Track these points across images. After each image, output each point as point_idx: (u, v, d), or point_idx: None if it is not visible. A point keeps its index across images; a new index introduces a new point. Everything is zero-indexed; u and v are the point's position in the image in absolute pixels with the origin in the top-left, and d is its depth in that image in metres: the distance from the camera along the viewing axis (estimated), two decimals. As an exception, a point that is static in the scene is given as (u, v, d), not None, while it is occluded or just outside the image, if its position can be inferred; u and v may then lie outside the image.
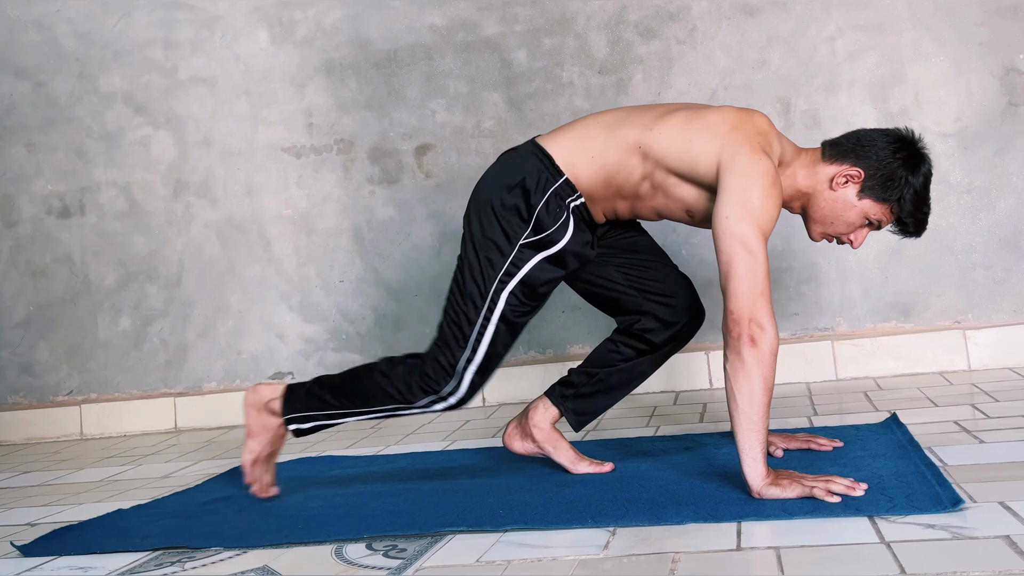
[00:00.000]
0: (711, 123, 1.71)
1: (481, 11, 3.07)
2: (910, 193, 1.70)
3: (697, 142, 1.70)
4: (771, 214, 1.62)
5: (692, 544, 1.36)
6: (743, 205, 1.61)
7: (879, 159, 1.70)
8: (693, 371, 2.92)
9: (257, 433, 1.91)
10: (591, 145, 1.78)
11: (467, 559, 1.41)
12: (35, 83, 3.42)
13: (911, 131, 1.75)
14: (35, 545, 1.74)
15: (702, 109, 1.77)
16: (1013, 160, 2.75)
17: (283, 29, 3.23)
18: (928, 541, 1.26)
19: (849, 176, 1.72)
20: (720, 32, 2.91)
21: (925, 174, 1.72)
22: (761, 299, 1.56)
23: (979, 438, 1.84)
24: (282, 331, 3.25)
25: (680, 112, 1.77)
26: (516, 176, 1.79)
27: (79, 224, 3.39)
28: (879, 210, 1.73)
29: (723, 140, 1.68)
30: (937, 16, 2.78)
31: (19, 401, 3.45)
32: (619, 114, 1.83)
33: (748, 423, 1.54)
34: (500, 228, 1.77)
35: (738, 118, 1.72)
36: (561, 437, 1.92)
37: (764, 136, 1.70)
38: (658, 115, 1.77)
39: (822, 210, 1.76)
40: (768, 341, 1.54)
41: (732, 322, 1.56)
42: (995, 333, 2.73)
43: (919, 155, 1.72)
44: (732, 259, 1.58)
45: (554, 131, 1.86)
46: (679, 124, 1.74)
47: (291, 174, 3.24)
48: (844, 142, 1.75)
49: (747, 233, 1.58)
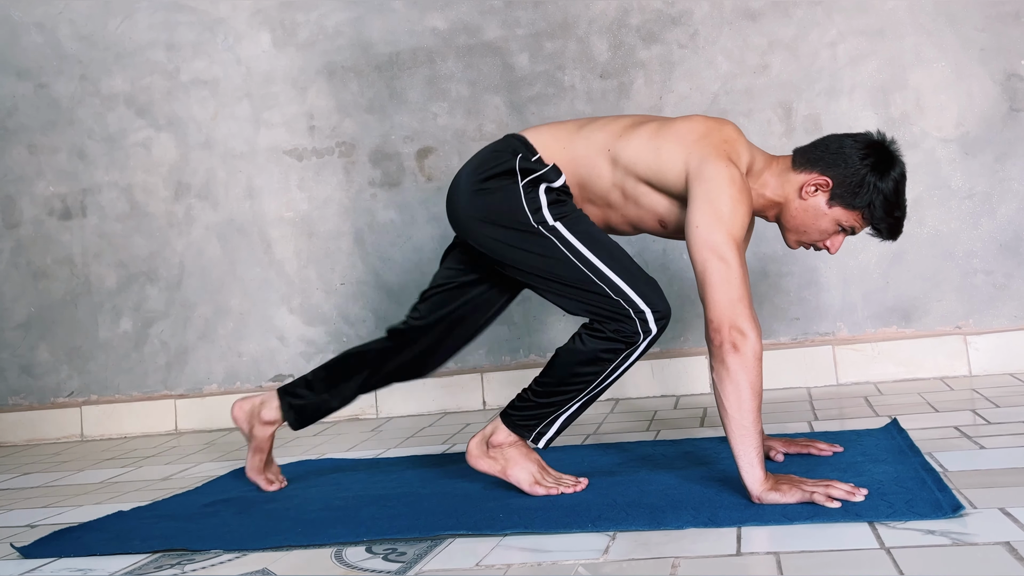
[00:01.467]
0: (679, 133, 1.74)
1: (483, 15, 3.08)
2: (880, 199, 1.69)
3: (664, 151, 1.73)
4: (741, 220, 1.63)
5: (692, 549, 1.36)
6: (713, 214, 1.62)
7: (847, 166, 1.70)
8: (693, 376, 2.92)
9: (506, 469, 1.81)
10: (562, 135, 1.82)
11: (467, 563, 1.41)
12: (37, 85, 3.42)
13: (882, 135, 1.74)
14: (35, 547, 1.74)
15: (671, 120, 1.80)
16: (1014, 165, 2.75)
17: (285, 32, 3.24)
18: (928, 547, 1.26)
19: (818, 185, 1.72)
20: (722, 37, 2.91)
21: (896, 178, 1.70)
22: (739, 305, 1.56)
23: (979, 444, 1.84)
24: (283, 333, 3.25)
25: (650, 123, 1.80)
26: (483, 154, 1.84)
27: (80, 226, 3.39)
28: (850, 217, 1.72)
29: (690, 149, 1.70)
30: (938, 21, 2.78)
31: (19, 402, 3.45)
32: (592, 120, 1.87)
33: (740, 429, 1.54)
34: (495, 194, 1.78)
35: (705, 127, 1.74)
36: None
37: (731, 144, 1.72)
38: (628, 125, 1.81)
39: (795, 219, 1.76)
40: (751, 346, 1.55)
41: (713, 331, 1.57)
42: (996, 338, 2.73)
43: (890, 158, 1.71)
44: (706, 268, 1.59)
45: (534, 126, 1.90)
46: (648, 134, 1.77)
47: (292, 176, 3.24)
48: (813, 150, 1.75)
49: (719, 242, 1.60)
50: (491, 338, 3.02)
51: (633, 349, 1.70)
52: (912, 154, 2.81)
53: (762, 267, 2.88)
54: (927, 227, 2.79)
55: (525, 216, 1.75)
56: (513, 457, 1.81)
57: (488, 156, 1.83)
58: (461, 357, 2.92)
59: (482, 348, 3.05)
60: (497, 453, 1.82)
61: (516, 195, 1.76)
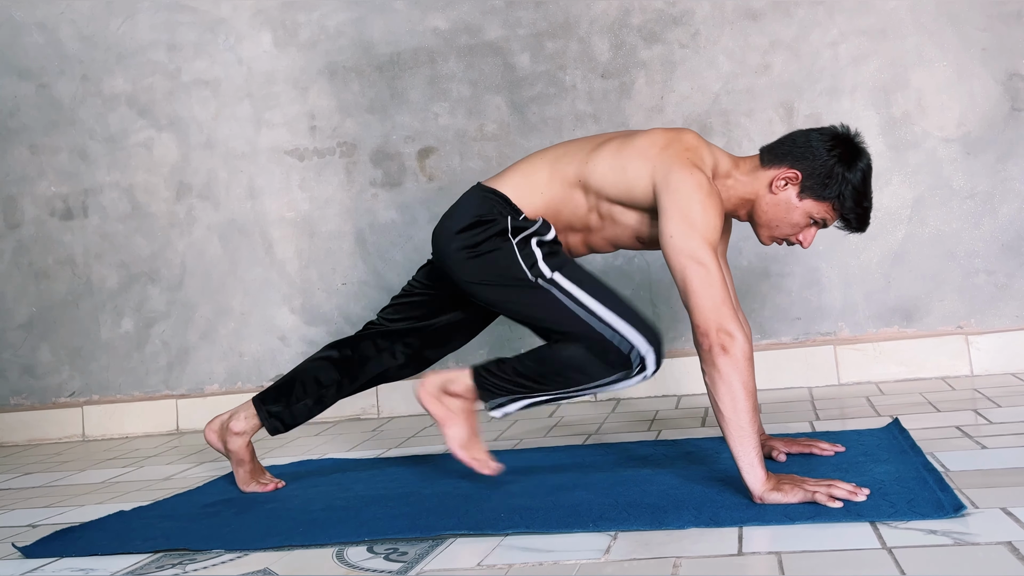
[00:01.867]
0: (640, 148, 1.77)
1: (484, 15, 3.08)
2: (849, 189, 1.73)
3: (630, 168, 1.76)
4: (713, 224, 1.66)
5: (693, 549, 1.36)
6: (685, 221, 1.64)
7: (815, 158, 1.73)
8: (694, 377, 2.91)
9: (448, 419, 1.85)
10: (537, 181, 1.86)
11: (468, 563, 1.41)
12: (38, 85, 3.42)
13: (847, 127, 1.77)
14: (36, 547, 1.74)
15: (632, 135, 1.83)
16: (1016, 165, 2.75)
17: (286, 32, 3.24)
18: (930, 547, 1.26)
19: (787, 178, 1.75)
20: (723, 36, 2.91)
21: (863, 169, 1.74)
22: (723, 307, 1.58)
23: (981, 443, 1.84)
24: (284, 334, 3.25)
25: (612, 142, 1.83)
26: (468, 214, 1.85)
27: (82, 226, 3.40)
28: (821, 208, 1.76)
29: (654, 162, 1.74)
30: (940, 21, 2.78)
31: (21, 403, 3.45)
32: (560, 149, 1.90)
33: (737, 430, 1.55)
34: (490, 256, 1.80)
35: (665, 139, 1.77)
36: None
37: (694, 151, 1.75)
38: (592, 147, 1.84)
39: (766, 214, 1.79)
40: (739, 346, 1.56)
41: (701, 335, 1.58)
42: (997, 338, 2.73)
43: (856, 150, 1.75)
44: (686, 275, 1.62)
45: (500, 173, 1.93)
46: (611, 153, 1.80)
47: (293, 177, 3.24)
48: (780, 146, 1.79)
49: (694, 248, 1.62)
50: (492, 338, 3.02)
51: (626, 378, 1.74)
52: (914, 154, 2.81)
53: (764, 267, 2.88)
54: (929, 227, 2.79)
55: (523, 273, 1.78)
56: (457, 411, 1.84)
57: (473, 220, 1.84)
58: (461, 356, 2.91)
59: (483, 348, 3.04)
60: (448, 400, 1.84)
61: (511, 253, 1.79)
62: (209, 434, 2.10)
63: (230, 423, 2.07)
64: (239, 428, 2.05)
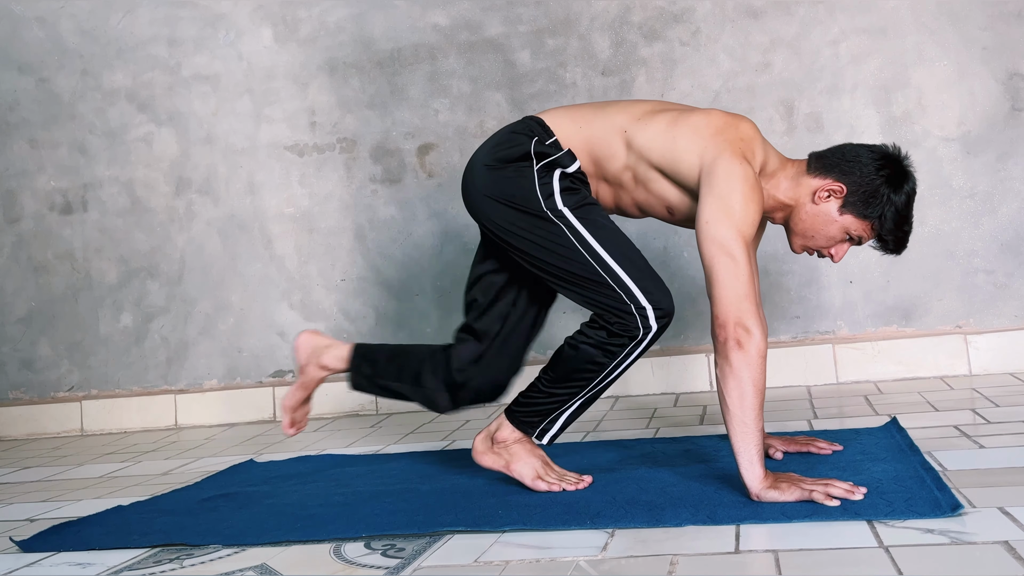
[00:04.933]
0: (696, 125, 1.74)
1: (485, 11, 3.07)
2: (891, 211, 1.70)
3: (680, 141, 1.72)
4: (751, 219, 1.64)
5: (690, 546, 1.36)
6: (724, 210, 1.62)
7: (862, 175, 1.70)
8: (693, 373, 2.92)
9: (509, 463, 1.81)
10: (580, 117, 1.82)
11: (465, 559, 1.41)
12: (38, 79, 3.42)
13: (898, 148, 1.74)
14: (34, 541, 1.74)
15: (690, 111, 1.79)
16: (1016, 165, 2.74)
17: (287, 27, 3.23)
18: (927, 546, 1.26)
19: (832, 191, 1.72)
20: (723, 34, 2.91)
21: (908, 192, 1.71)
22: (745, 302, 1.57)
23: (979, 443, 1.84)
24: (283, 329, 3.25)
25: (669, 112, 1.79)
26: (501, 135, 1.84)
27: (81, 220, 3.39)
28: (860, 226, 1.73)
29: (706, 143, 1.70)
30: (940, 20, 2.78)
31: (20, 397, 3.45)
32: (613, 103, 1.88)
33: (741, 426, 1.55)
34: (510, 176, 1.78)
35: (723, 122, 1.74)
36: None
37: (747, 142, 1.72)
38: (647, 110, 1.80)
39: (803, 223, 1.76)
40: (755, 343, 1.55)
41: (718, 327, 1.58)
42: (996, 338, 2.73)
43: (904, 173, 1.72)
44: (714, 265, 1.60)
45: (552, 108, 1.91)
46: (666, 122, 1.76)
47: (293, 172, 3.24)
48: (830, 156, 1.75)
49: (728, 238, 1.60)
50: None
51: (635, 345, 1.69)
52: (914, 153, 2.79)
53: (763, 265, 2.88)
54: (928, 226, 2.79)
55: (537, 201, 1.75)
56: (517, 453, 1.81)
57: (505, 137, 1.83)
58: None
59: None
60: (501, 449, 1.82)
61: (530, 179, 1.76)
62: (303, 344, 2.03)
63: (324, 354, 1.99)
64: (330, 363, 2.00)
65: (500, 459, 1.82)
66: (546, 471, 1.79)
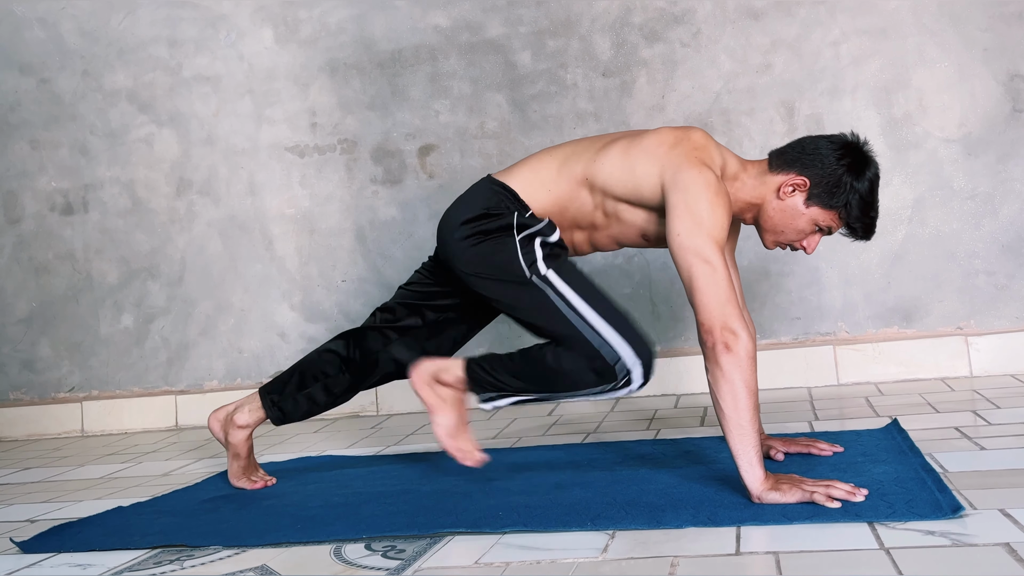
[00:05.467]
0: (648, 147, 1.77)
1: (485, 12, 3.07)
2: (856, 198, 1.73)
3: (638, 168, 1.76)
4: (721, 223, 1.66)
5: (691, 548, 1.36)
6: (693, 219, 1.65)
7: (824, 166, 1.73)
8: (694, 375, 2.92)
9: (437, 407, 1.86)
10: (546, 178, 1.86)
11: (466, 560, 1.41)
12: (39, 80, 3.42)
13: (856, 136, 1.77)
14: (34, 541, 1.74)
15: (640, 134, 1.83)
16: (1017, 166, 2.74)
17: (287, 28, 3.24)
18: (928, 548, 1.26)
19: (795, 185, 1.74)
20: (724, 36, 2.91)
21: (871, 179, 1.74)
22: (728, 306, 1.58)
23: (980, 444, 1.84)
24: (283, 330, 3.25)
25: (621, 141, 1.83)
26: (475, 205, 1.86)
27: (82, 221, 3.40)
28: (827, 216, 1.75)
29: (663, 161, 1.73)
30: (941, 21, 2.78)
31: (20, 397, 3.45)
32: (568, 147, 1.90)
33: (737, 429, 1.55)
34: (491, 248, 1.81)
35: (674, 137, 1.77)
36: None
37: (702, 150, 1.75)
38: (600, 147, 1.84)
39: (772, 219, 1.79)
40: (743, 345, 1.56)
41: (705, 333, 1.59)
42: (997, 339, 2.73)
43: (864, 159, 1.74)
44: (692, 273, 1.62)
45: (510, 167, 1.93)
46: (619, 152, 1.80)
47: (294, 173, 3.24)
48: (789, 151, 1.78)
49: (701, 245, 1.62)
50: (491, 337, 3.02)
51: (611, 389, 1.75)
52: (914, 154, 2.81)
53: (763, 267, 2.88)
54: (929, 227, 2.79)
55: (521, 270, 1.79)
56: (448, 400, 1.85)
57: (479, 211, 1.85)
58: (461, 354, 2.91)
59: (482, 347, 3.04)
60: (439, 388, 1.86)
61: (512, 249, 1.80)
62: (213, 423, 2.10)
63: (235, 415, 2.07)
64: (243, 421, 2.06)
65: (433, 395, 1.85)
66: (458, 432, 1.84)
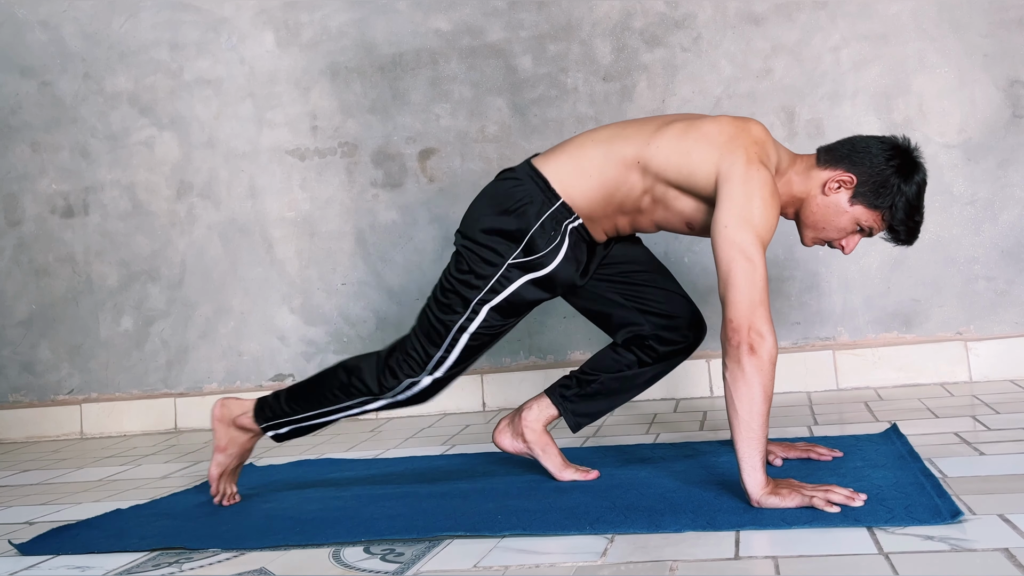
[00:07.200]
0: (708, 134, 1.72)
1: (486, 16, 3.08)
2: (902, 201, 1.71)
3: (695, 154, 1.71)
4: (770, 223, 1.63)
5: (690, 552, 1.36)
6: (742, 214, 1.61)
7: (872, 166, 1.71)
8: (693, 379, 2.91)
9: (226, 447, 1.96)
10: (588, 165, 1.77)
11: (464, 564, 1.41)
12: (41, 83, 3.43)
13: (907, 139, 1.75)
14: (33, 544, 1.74)
15: (698, 120, 1.77)
16: (1016, 172, 2.75)
17: (289, 32, 3.24)
18: (927, 553, 1.26)
19: (842, 181, 1.72)
20: (725, 40, 2.91)
21: (918, 183, 1.72)
22: (760, 308, 1.56)
23: (979, 450, 1.84)
24: (283, 333, 3.25)
25: (676, 124, 1.77)
26: (511, 200, 1.79)
27: (82, 224, 3.40)
28: (870, 217, 1.73)
29: (720, 151, 1.69)
30: (942, 27, 2.78)
31: (20, 400, 3.45)
32: (613, 129, 1.82)
33: (748, 432, 1.54)
34: (491, 247, 1.78)
35: (735, 128, 1.72)
36: (551, 441, 1.92)
37: (761, 145, 1.71)
38: (655, 128, 1.77)
39: (814, 215, 1.77)
40: (767, 349, 1.54)
41: (731, 331, 1.56)
42: (997, 345, 2.73)
43: (913, 163, 1.73)
44: (731, 268, 1.59)
45: (550, 151, 1.85)
46: (676, 136, 1.74)
47: (295, 177, 3.24)
48: (839, 148, 1.76)
49: (746, 242, 1.59)
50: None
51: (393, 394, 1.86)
52: (914, 160, 2.81)
53: (763, 271, 2.88)
54: (929, 233, 2.79)
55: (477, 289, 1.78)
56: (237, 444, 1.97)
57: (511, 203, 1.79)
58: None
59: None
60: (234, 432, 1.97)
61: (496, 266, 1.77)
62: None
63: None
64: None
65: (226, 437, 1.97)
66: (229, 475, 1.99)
